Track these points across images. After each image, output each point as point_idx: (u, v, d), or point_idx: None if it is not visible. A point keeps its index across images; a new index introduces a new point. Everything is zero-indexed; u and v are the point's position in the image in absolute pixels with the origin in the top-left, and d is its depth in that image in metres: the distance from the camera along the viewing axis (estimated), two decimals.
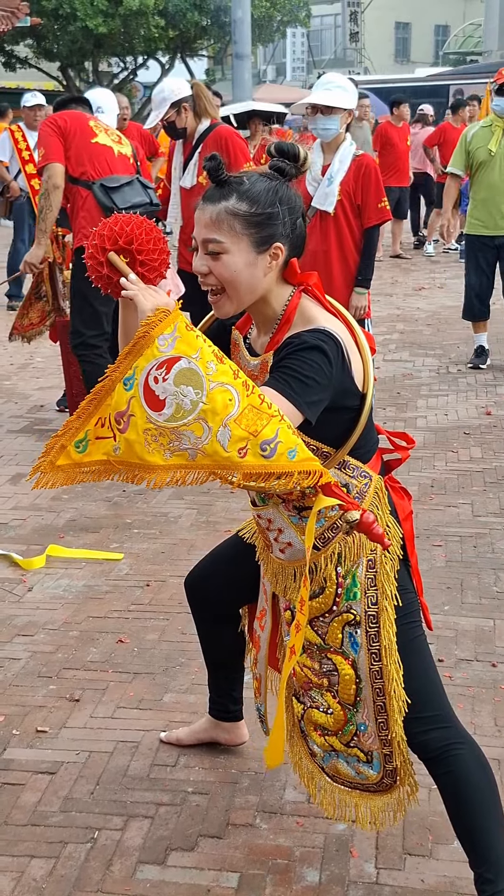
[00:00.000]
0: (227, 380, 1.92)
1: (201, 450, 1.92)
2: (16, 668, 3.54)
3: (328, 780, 2.44)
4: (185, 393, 1.89)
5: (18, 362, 8.16)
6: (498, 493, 5.15)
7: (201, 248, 2.17)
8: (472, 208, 7.73)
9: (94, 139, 5.40)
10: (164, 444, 1.93)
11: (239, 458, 1.93)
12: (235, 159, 5.75)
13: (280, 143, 2.23)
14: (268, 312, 2.23)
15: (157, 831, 2.70)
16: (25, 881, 2.53)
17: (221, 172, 2.14)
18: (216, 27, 28.75)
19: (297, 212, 2.20)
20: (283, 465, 1.95)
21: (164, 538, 4.67)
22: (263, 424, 1.92)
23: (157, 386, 1.91)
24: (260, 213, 2.13)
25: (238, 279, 2.14)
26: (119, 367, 1.98)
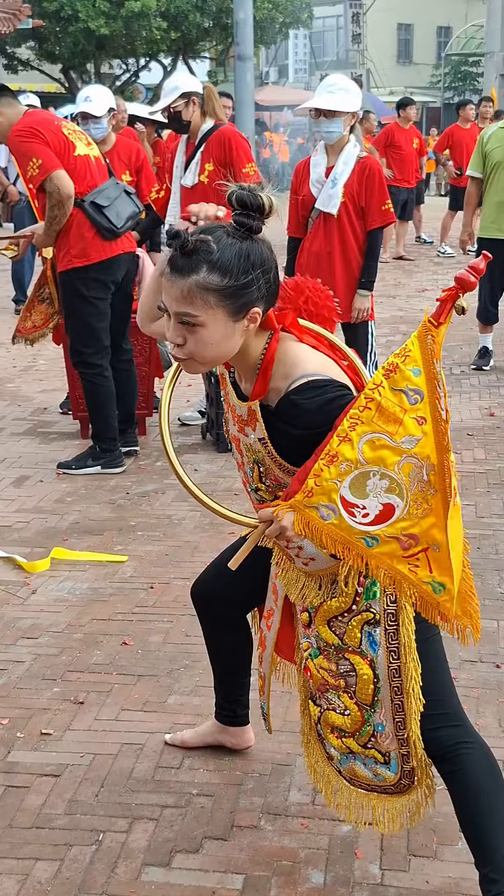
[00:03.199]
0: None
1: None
2: (20, 670, 3.55)
3: (345, 782, 2.44)
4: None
5: (21, 365, 8.16)
6: (501, 495, 5.15)
7: (174, 318, 2.10)
8: (487, 211, 7.70)
9: (75, 152, 5.26)
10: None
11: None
12: (238, 160, 5.77)
13: (241, 195, 2.09)
14: (246, 362, 2.22)
15: (162, 833, 2.70)
16: (30, 884, 2.53)
17: (187, 243, 2.04)
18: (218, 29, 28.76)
19: (271, 269, 2.12)
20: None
21: (169, 540, 4.67)
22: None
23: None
24: (234, 285, 2.06)
25: (216, 350, 2.12)
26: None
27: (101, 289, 5.38)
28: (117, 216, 5.28)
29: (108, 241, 5.29)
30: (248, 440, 2.28)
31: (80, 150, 5.33)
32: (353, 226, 5.45)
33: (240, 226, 2.09)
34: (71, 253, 5.31)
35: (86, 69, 31.03)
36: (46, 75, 30.96)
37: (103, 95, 6.73)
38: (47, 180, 5.14)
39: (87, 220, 5.24)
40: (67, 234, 5.28)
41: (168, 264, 2.08)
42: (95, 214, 5.20)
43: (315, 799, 2.82)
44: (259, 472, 2.30)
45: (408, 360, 2.04)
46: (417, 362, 2.04)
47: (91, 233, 5.25)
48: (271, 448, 2.21)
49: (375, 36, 44.03)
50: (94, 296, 5.37)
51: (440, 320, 2.05)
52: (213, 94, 5.88)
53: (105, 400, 5.56)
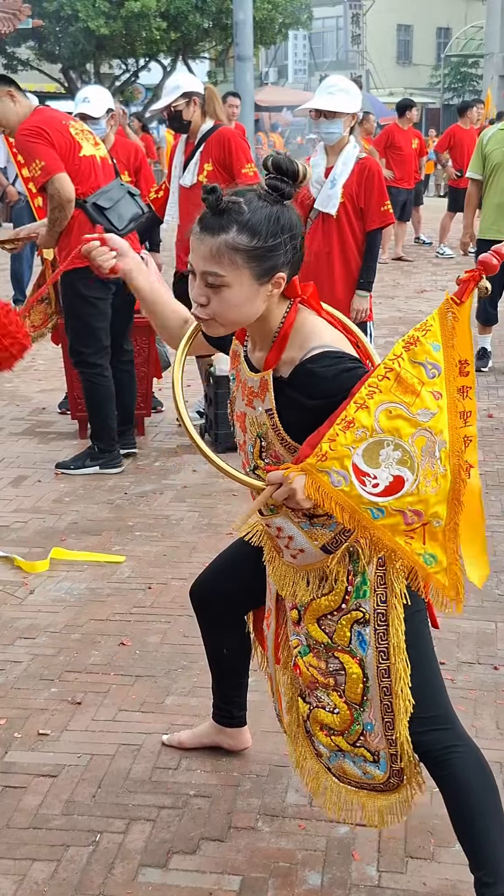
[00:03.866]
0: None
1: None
2: (17, 670, 3.54)
3: (335, 780, 2.43)
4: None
5: (20, 364, 8.13)
6: (500, 496, 5.15)
7: (200, 278, 2.11)
8: (486, 213, 7.69)
9: (81, 152, 5.27)
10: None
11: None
12: (237, 160, 5.78)
13: (277, 159, 2.12)
14: (265, 329, 2.21)
15: (159, 834, 2.70)
16: (27, 884, 2.53)
17: (220, 201, 2.06)
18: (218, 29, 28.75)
19: (298, 235, 2.14)
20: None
21: (166, 541, 4.67)
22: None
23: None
24: (262, 247, 2.06)
25: (237, 312, 2.13)
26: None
27: (102, 289, 5.39)
28: (119, 218, 5.28)
29: None
30: (254, 413, 2.26)
31: (87, 150, 5.34)
32: (352, 226, 5.45)
33: (272, 189, 2.11)
34: (73, 253, 5.29)
35: (85, 69, 31.04)
36: (46, 75, 30.96)
37: (102, 96, 6.73)
38: (49, 183, 5.14)
39: (89, 221, 5.25)
40: (69, 235, 5.29)
41: (198, 223, 2.10)
42: (97, 216, 5.21)
43: (312, 800, 2.82)
44: (260, 448, 2.28)
45: (428, 334, 2.06)
46: (437, 338, 2.06)
47: (91, 233, 5.24)
48: (276, 420, 2.20)
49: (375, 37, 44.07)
50: (94, 296, 5.39)
51: (462, 299, 2.09)
52: (214, 94, 5.88)
53: (104, 400, 5.56)
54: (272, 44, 34.14)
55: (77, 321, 5.47)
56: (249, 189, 2.13)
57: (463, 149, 13.13)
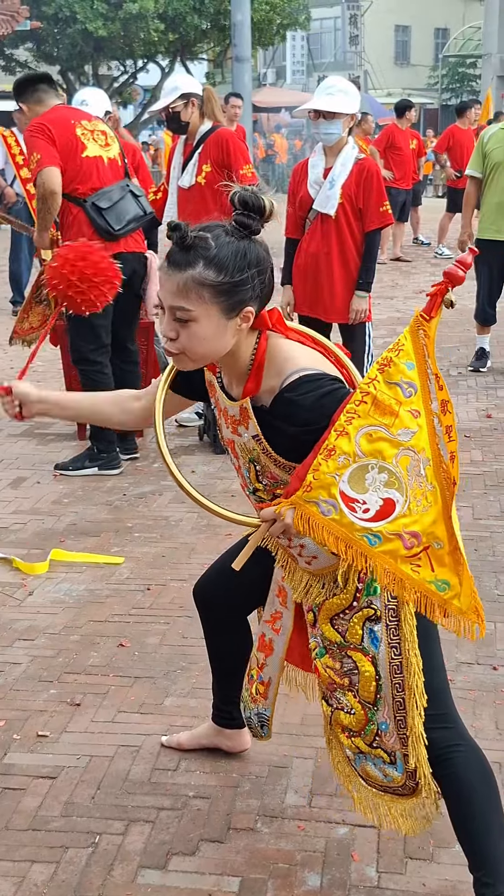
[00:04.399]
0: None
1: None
2: (16, 672, 3.54)
3: (362, 782, 2.44)
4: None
5: (19, 366, 8.15)
6: (498, 496, 5.15)
7: (168, 313, 2.13)
8: (485, 212, 7.69)
9: (84, 153, 5.30)
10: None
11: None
12: (235, 161, 5.78)
13: (243, 196, 2.12)
14: (236, 363, 2.22)
15: (159, 836, 2.70)
16: (26, 886, 2.52)
17: (186, 237, 2.07)
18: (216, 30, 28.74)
19: (266, 270, 2.15)
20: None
21: (165, 542, 4.67)
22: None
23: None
24: (229, 282, 2.08)
25: (206, 347, 2.14)
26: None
27: None
28: (117, 219, 5.31)
29: (107, 242, 5.31)
30: (241, 440, 2.28)
31: (92, 151, 5.36)
32: (350, 227, 5.45)
33: (239, 225, 2.12)
34: None
35: (84, 71, 31.02)
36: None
37: (99, 98, 6.73)
38: (39, 174, 5.21)
39: (88, 220, 5.30)
40: (69, 233, 5.36)
41: (166, 258, 2.11)
42: (95, 216, 5.26)
43: (311, 801, 2.82)
44: (255, 472, 2.30)
45: (401, 353, 2.06)
46: (411, 356, 2.06)
47: (90, 232, 5.30)
48: (266, 444, 2.22)
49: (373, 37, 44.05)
50: None
51: (431, 314, 2.08)
52: (212, 95, 5.88)
53: None
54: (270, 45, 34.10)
55: (78, 318, 5.49)
56: (217, 224, 2.14)
57: (462, 149, 13.13)
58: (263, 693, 2.74)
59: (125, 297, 5.54)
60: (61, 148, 5.23)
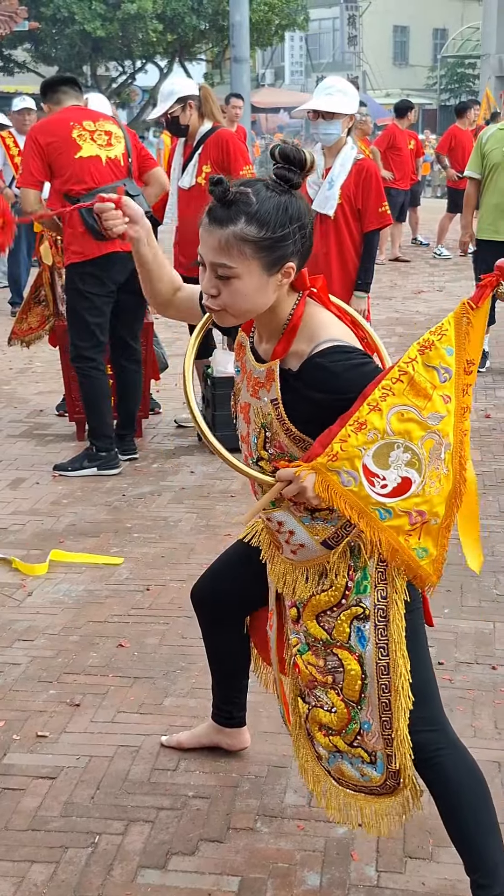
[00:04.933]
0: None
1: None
2: (16, 672, 3.54)
3: (334, 782, 2.42)
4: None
5: (18, 367, 8.17)
6: (497, 496, 5.16)
7: (209, 269, 2.12)
8: (484, 213, 7.69)
9: (77, 154, 5.36)
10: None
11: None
12: (235, 162, 5.78)
13: (284, 148, 2.11)
14: (273, 321, 2.22)
15: (158, 836, 2.70)
16: (26, 886, 2.53)
17: (228, 193, 2.07)
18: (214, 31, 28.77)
19: (307, 225, 2.14)
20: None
21: (165, 542, 4.67)
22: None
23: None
24: (271, 237, 2.07)
25: (248, 302, 2.13)
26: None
27: (97, 285, 5.46)
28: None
29: (99, 241, 5.34)
30: (259, 403, 2.26)
31: (88, 151, 5.42)
32: (349, 227, 5.45)
33: (280, 179, 2.11)
34: (70, 249, 5.49)
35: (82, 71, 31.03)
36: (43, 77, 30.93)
37: (99, 103, 6.70)
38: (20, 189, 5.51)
39: (80, 219, 5.36)
40: (65, 231, 5.49)
41: (206, 214, 2.10)
42: (86, 215, 5.30)
43: (311, 801, 2.82)
44: (264, 439, 2.28)
45: (444, 338, 2.10)
46: (451, 342, 2.10)
47: (83, 231, 5.38)
48: (282, 410, 2.21)
49: (371, 38, 44.12)
50: (89, 290, 5.47)
51: (478, 304, 2.12)
52: (209, 95, 5.88)
53: (100, 395, 5.61)
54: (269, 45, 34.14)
55: (73, 315, 5.60)
56: (258, 179, 2.13)
57: (462, 150, 13.14)
58: (274, 689, 2.75)
59: (125, 296, 5.56)
60: (54, 150, 5.35)
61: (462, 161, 12.88)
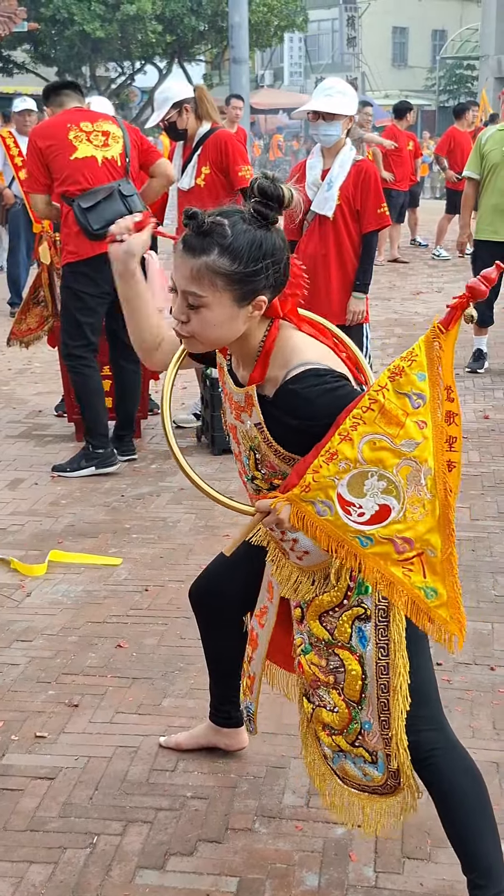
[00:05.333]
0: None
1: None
2: (14, 673, 3.54)
3: (339, 781, 2.43)
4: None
5: (16, 367, 8.17)
6: (496, 497, 5.16)
7: (181, 296, 2.12)
8: (482, 214, 7.69)
9: (73, 154, 5.40)
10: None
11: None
12: (234, 163, 5.80)
13: (263, 184, 2.10)
14: (246, 347, 2.22)
15: (157, 836, 2.70)
16: (24, 887, 2.53)
17: (203, 224, 2.06)
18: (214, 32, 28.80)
19: (282, 260, 2.13)
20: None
21: (163, 543, 4.67)
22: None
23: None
24: (242, 271, 2.07)
25: (217, 332, 2.14)
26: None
27: (90, 284, 5.48)
28: (97, 218, 5.36)
29: (93, 241, 5.36)
30: (244, 427, 2.28)
31: (84, 151, 5.45)
32: (348, 228, 5.45)
33: (258, 214, 2.11)
34: (67, 248, 5.55)
35: (81, 72, 31.05)
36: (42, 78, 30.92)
37: (102, 106, 6.69)
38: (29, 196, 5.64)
39: (75, 219, 5.39)
40: (64, 231, 5.55)
41: (181, 241, 2.10)
42: (79, 215, 5.34)
43: (309, 801, 2.83)
44: (255, 460, 2.29)
45: (414, 364, 2.06)
46: (423, 367, 2.06)
47: (77, 230, 5.41)
48: (267, 434, 2.22)
49: (370, 39, 44.12)
50: (81, 290, 5.50)
51: (448, 327, 2.08)
52: (204, 95, 5.88)
53: (93, 392, 5.63)
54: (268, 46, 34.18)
55: (65, 313, 5.67)
56: (236, 210, 2.12)
57: (461, 151, 13.16)
58: (249, 687, 2.74)
59: None
60: (52, 153, 5.41)
61: (461, 162, 12.88)
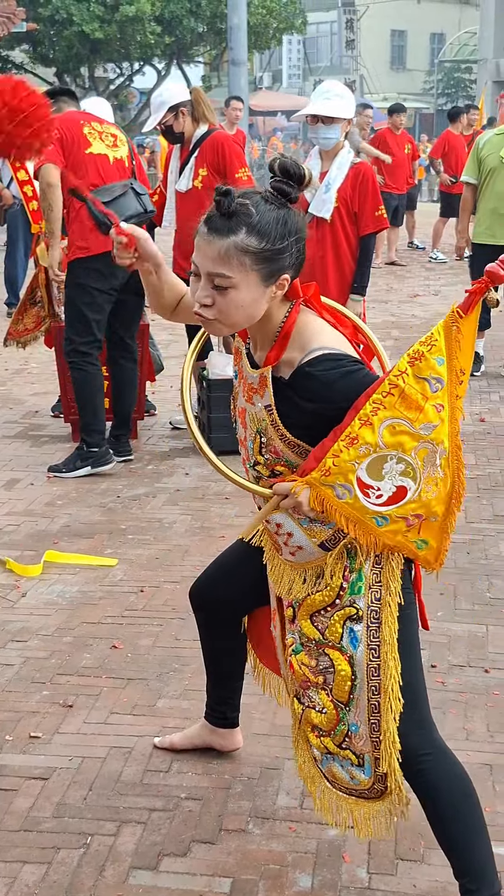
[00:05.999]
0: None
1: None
2: (9, 673, 3.54)
3: (327, 784, 2.43)
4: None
5: (13, 368, 8.16)
6: (491, 500, 5.16)
7: (205, 279, 2.12)
8: (481, 217, 7.70)
9: (87, 149, 5.44)
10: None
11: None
12: (231, 165, 5.79)
13: (284, 163, 2.13)
14: (266, 329, 2.23)
15: (150, 837, 2.70)
16: (18, 887, 2.53)
17: (230, 204, 2.07)
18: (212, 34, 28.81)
19: (303, 238, 2.17)
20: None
21: (159, 544, 4.67)
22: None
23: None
24: (270, 249, 2.09)
25: (241, 313, 2.14)
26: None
27: (101, 280, 5.48)
28: (117, 212, 5.35)
29: (106, 236, 5.37)
30: (254, 409, 2.28)
31: (97, 149, 5.48)
32: (346, 231, 5.46)
33: (278, 193, 2.13)
34: (76, 244, 5.50)
35: (80, 73, 31.06)
36: (40, 79, 30.94)
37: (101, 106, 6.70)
38: (39, 169, 5.42)
39: (90, 215, 5.39)
40: (72, 226, 5.50)
41: (205, 224, 2.11)
42: (96, 209, 5.32)
43: (303, 803, 2.83)
44: (260, 444, 2.29)
45: (433, 349, 2.10)
46: (442, 352, 2.11)
47: (91, 225, 5.40)
48: (276, 416, 2.22)
49: (369, 42, 44.17)
50: (92, 286, 5.49)
51: (467, 312, 2.13)
52: (200, 97, 5.88)
53: (94, 389, 5.63)
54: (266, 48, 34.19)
55: (72, 309, 5.60)
56: (255, 192, 2.14)
57: (455, 155, 13.21)
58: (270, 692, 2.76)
59: (126, 296, 5.59)
60: (67, 143, 5.39)
61: (454, 166, 12.97)
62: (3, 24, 17.28)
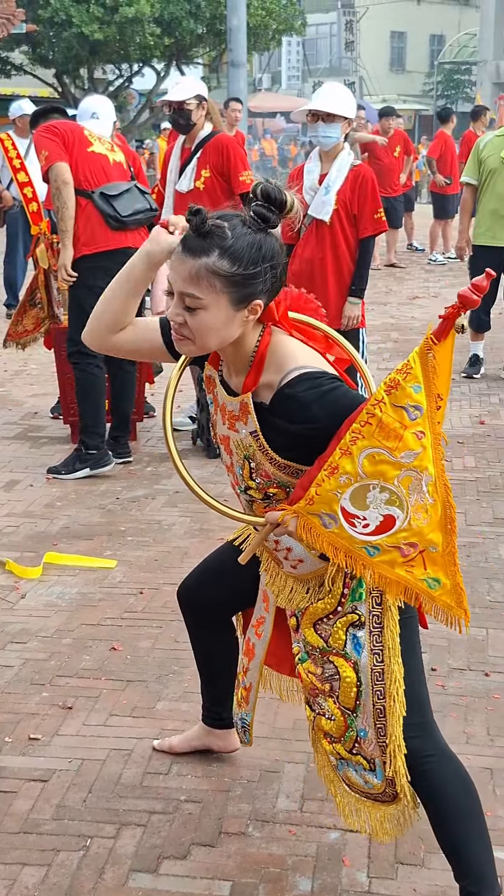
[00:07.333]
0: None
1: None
2: (8, 675, 3.54)
3: (346, 787, 2.44)
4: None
5: (12, 369, 8.16)
6: (491, 503, 5.16)
7: (177, 298, 2.12)
8: (480, 219, 7.71)
9: (90, 148, 5.48)
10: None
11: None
12: (235, 167, 5.81)
13: (266, 188, 2.12)
14: (240, 353, 2.23)
15: (150, 839, 2.70)
16: (17, 889, 2.52)
17: (205, 224, 2.06)
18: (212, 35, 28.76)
19: (279, 265, 2.14)
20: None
21: (158, 546, 4.67)
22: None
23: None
24: (241, 274, 2.07)
25: (212, 335, 2.14)
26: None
27: (108, 279, 5.41)
28: (125, 206, 5.40)
29: (114, 231, 5.38)
30: (238, 436, 2.28)
31: (98, 149, 5.53)
32: (345, 233, 5.46)
33: (258, 217, 2.11)
34: (80, 241, 5.45)
35: (79, 74, 31.01)
36: (40, 80, 30.94)
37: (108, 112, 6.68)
38: (49, 171, 5.35)
39: (96, 210, 5.39)
40: (77, 224, 5.45)
41: (181, 243, 2.10)
42: (103, 204, 5.37)
43: (303, 806, 2.83)
44: (250, 469, 2.29)
45: (409, 377, 2.07)
46: (418, 379, 2.07)
47: (97, 220, 5.40)
48: (263, 441, 2.22)
49: (368, 44, 44.18)
50: (99, 285, 5.41)
51: (440, 338, 2.10)
52: (214, 108, 5.99)
53: (97, 391, 5.62)
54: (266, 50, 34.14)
55: (79, 310, 5.54)
56: (235, 214, 2.13)
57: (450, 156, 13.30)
58: (245, 698, 2.75)
59: None
60: (70, 141, 5.41)
61: (446, 167, 13.04)
62: (3, 26, 17.26)
